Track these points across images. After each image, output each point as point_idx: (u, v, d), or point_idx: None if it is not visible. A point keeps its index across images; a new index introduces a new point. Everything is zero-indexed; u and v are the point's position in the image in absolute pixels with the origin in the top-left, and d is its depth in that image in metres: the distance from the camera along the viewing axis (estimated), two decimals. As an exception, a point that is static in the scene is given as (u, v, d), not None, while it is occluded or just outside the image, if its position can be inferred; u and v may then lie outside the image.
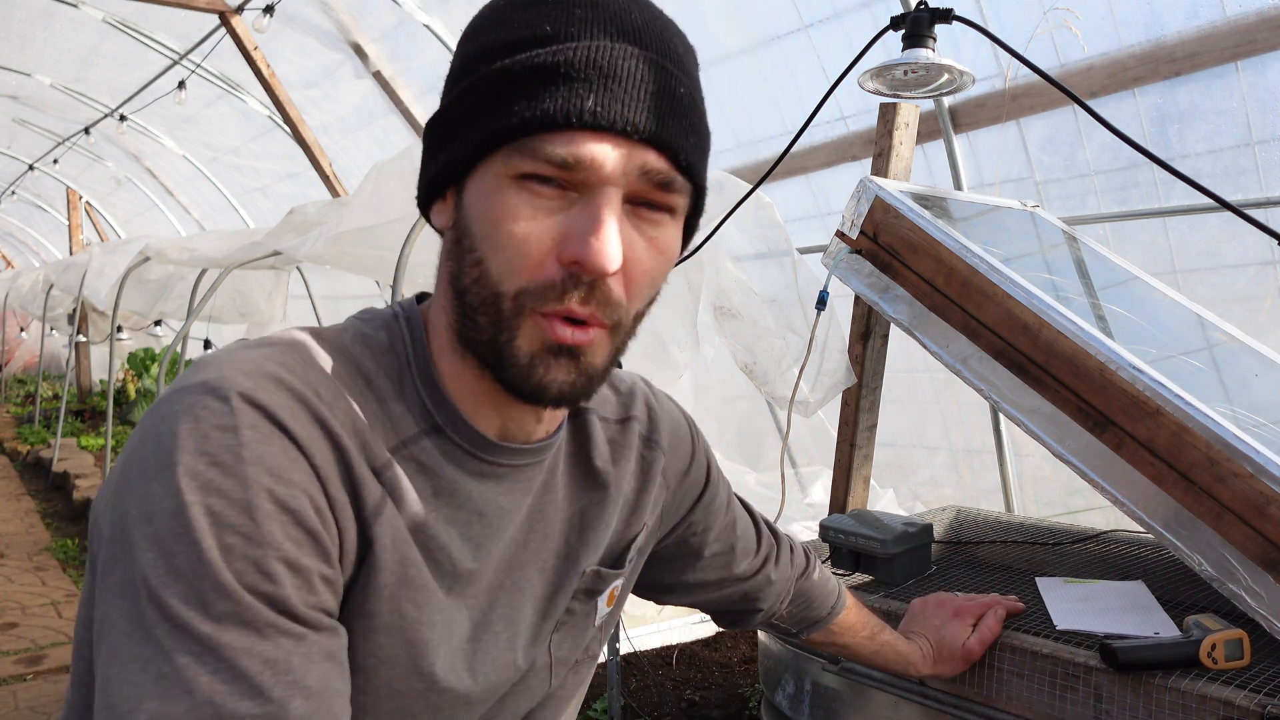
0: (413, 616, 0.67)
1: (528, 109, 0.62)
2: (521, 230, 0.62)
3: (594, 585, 0.83)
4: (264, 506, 0.58)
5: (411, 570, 0.67)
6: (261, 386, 0.61)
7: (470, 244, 0.65)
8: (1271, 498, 1.28)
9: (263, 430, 0.59)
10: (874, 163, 2.29)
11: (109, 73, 8.00)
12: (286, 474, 0.59)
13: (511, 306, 0.64)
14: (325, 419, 0.63)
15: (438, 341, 0.71)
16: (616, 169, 0.62)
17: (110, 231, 13.24)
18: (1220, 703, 1.18)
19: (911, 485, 3.68)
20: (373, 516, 0.64)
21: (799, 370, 2.05)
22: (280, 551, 0.58)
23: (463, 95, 0.66)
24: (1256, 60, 2.39)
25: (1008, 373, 1.64)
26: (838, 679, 1.69)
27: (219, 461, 0.58)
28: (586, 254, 0.61)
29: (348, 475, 0.63)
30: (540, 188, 0.62)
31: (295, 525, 0.59)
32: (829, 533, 1.77)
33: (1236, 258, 2.62)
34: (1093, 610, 1.52)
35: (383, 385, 0.69)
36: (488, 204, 0.64)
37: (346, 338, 0.70)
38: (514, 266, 0.63)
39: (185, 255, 5.12)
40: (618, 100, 0.62)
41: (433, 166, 0.69)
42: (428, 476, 0.69)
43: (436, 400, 0.70)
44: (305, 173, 7.23)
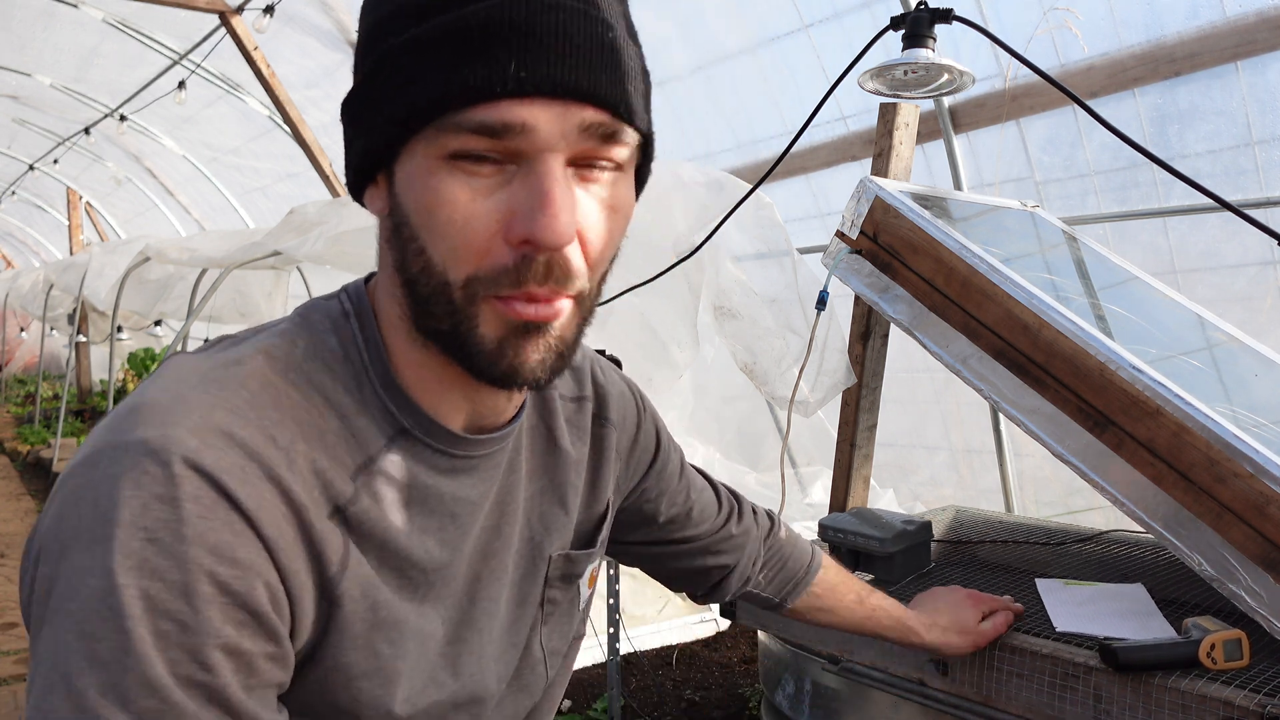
0: (388, 654, 0.65)
1: (444, 82, 0.56)
2: (461, 215, 0.58)
3: (568, 570, 0.81)
4: (203, 591, 0.53)
5: (383, 612, 0.64)
6: (209, 446, 0.56)
7: (410, 232, 0.60)
8: (1271, 498, 1.28)
9: (206, 502, 0.54)
10: (874, 163, 2.29)
11: (109, 73, 8.00)
12: (230, 552, 0.55)
13: (463, 295, 0.60)
14: (280, 476, 0.58)
15: (392, 332, 0.66)
16: (553, 132, 0.57)
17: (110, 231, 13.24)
18: (1220, 703, 1.18)
19: (911, 485, 3.68)
20: (338, 574, 0.61)
21: (799, 370, 2.05)
22: (220, 638, 0.54)
23: (373, 72, 0.60)
24: (1256, 60, 2.38)
25: (1008, 373, 1.64)
26: (838, 679, 1.69)
27: (156, 539, 0.53)
28: (537, 231, 0.57)
29: (306, 536, 0.59)
30: (474, 166, 0.57)
31: (238, 608, 0.55)
32: (828, 531, 1.77)
33: (1236, 258, 2.62)
34: (1092, 614, 1.52)
35: (343, 401, 0.64)
36: (420, 190, 0.59)
37: (298, 353, 0.64)
38: (459, 255, 0.58)
39: (185, 255, 5.12)
40: (541, 60, 0.56)
41: (355, 151, 0.63)
42: (397, 489, 0.65)
43: (400, 402, 0.66)
44: (305, 173, 7.23)
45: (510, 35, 0.56)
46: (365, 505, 0.63)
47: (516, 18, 0.56)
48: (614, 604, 2.54)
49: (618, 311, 2.49)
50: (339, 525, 0.62)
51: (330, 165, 6.64)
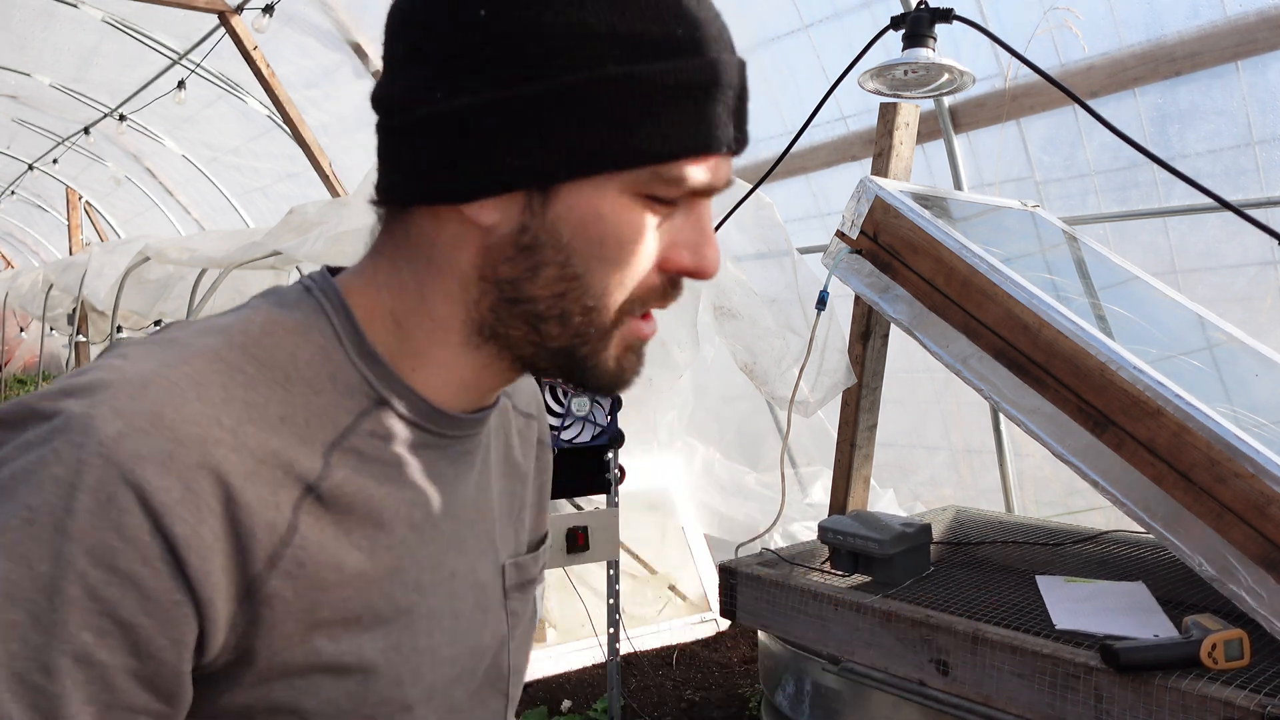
0: (330, 651, 0.61)
1: (678, 137, 0.58)
2: (644, 249, 0.61)
3: (520, 578, 0.79)
4: (69, 592, 0.50)
5: (324, 612, 0.60)
6: (132, 431, 0.52)
7: (564, 259, 0.60)
8: (1272, 498, 1.28)
9: (102, 496, 0.51)
10: (874, 163, 2.29)
11: (109, 73, 7.99)
12: (110, 559, 0.51)
13: (613, 319, 0.62)
14: (215, 460, 0.54)
15: (426, 325, 0.64)
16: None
17: (110, 231, 13.23)
18: (1220, 703, 1.18)
19: (911, 485, 3.67)
20: (265, 570, 0.57)
21: (799, 370, 2.05)
22: (71, 644, 0.50)
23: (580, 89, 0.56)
24: (1257, 60, 2.38)
25: (1008, 372, 1.64)
26: (838, 679, 1.69)
27: (35, 522, 0.50)
28: (704, 265, 0.62)
29: (233, 529, 0.55)
30: (664, 207, 0.61)
31: (103, 616, 0.51)
32: (827, 534, 1.77)
33: (1237, 258, 2.61)
34: (1092, 610, 1.52)
35: (305, 375, 0.61)
36: (612, 225, 0.59)
37: (255, 327, 0.61)
38: (627, 283, 0.61)
39: (185, 255, 5.12)
40: (744, 122, 0.62)
41: (494, 160, 0.58)
42: (370, 463, 0.62)
43: (378, 372, 0.63)
44: (305, 173, 7.23)
45: (729, 97, 0.60)
46: (340, 478, 0.60)
47: (735, 80, 0.60)
48: (614, 604, 2.54)
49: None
50: (308, 508, 0.58)
51: (330, 165, 6.63)
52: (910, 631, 1.51)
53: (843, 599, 1.62)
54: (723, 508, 3.62)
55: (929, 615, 1.50)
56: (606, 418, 2.67)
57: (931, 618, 1.49)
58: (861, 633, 1.58)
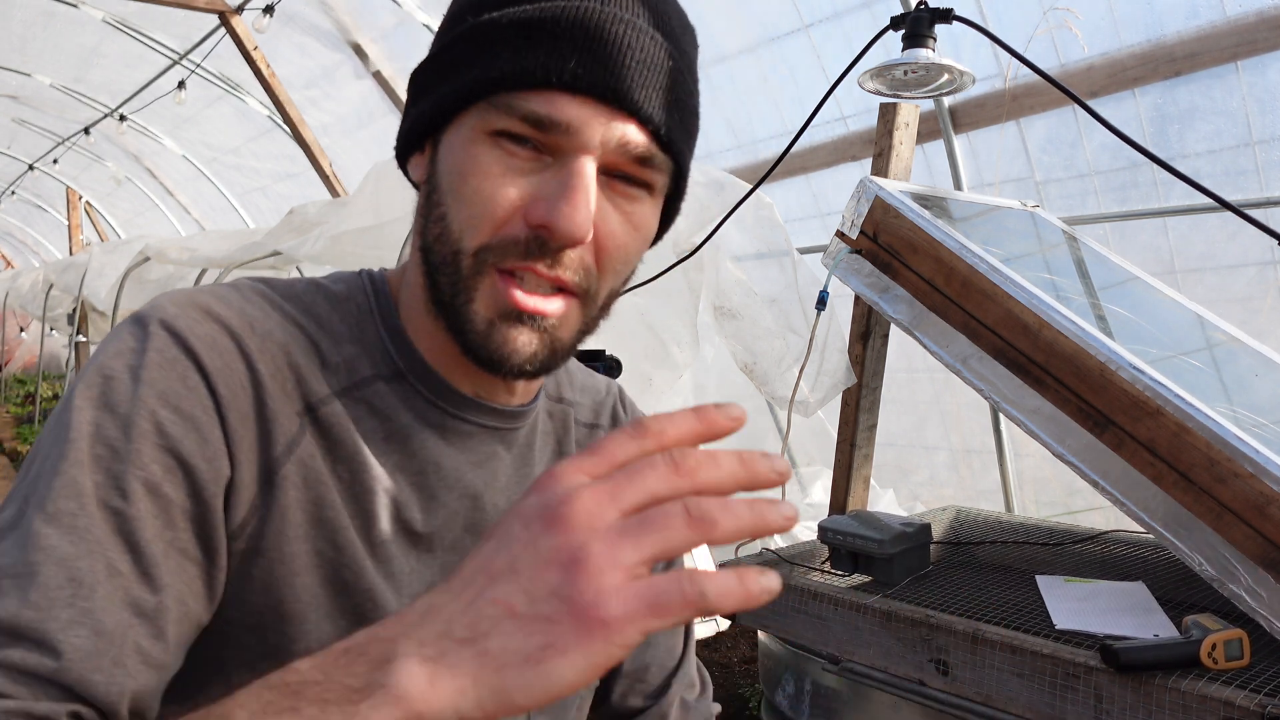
0: (330, 557, 0.64)
1: (507, 63, 0.60)
2: (489, 187, 0.61)
3: None
4: (141, 426, 0.57)
5: (329, 512, 0.64)
6: (185, 314, 0.61)
7: (437, 198, 0.63)
8: (1272, 498, 1.28)
9: (168, 355, 0.59)
10: (874, 163, 2.29)
11: (109, 73, 8.00)
12: (175, 400, 0.59)
13: (471, 264, 0.62)
14: (249, 352, 0.62)
15: (412, 302, 0.69)
16: (593, 136, 0.60)
17: (110, 231, 13.23)
18: (1220, 703, 1.18)
19: (911, 485, 3.67)
20: (282, 455, 0.62)
21: (799, 370, 2.05)
22: (144, 472, 0.57)
23: (448, 46, 0.64)
24: (1256, 60, 2.38)
25: (1008, 373, 1.64)
26: (838, 679, 1.69)
27: (115, 377, 0.59)
28: (556, 218, 0.59)
29: (259, 409, 0.62)
30: (514, 147, 0.60)
31: (168, 453, 0.58)
32: (827, 533, 1.77)
33: (1236, 258, 2.61)
34: (1092, 610, 1.52)
35: (336, 329, 0.67)
36: (459, 157, 0.62)
37: (299, 285, 0.69)
38: (477, 223, 0.61)
39: (185, 255, 5.12)
40: (601, 64, 0.59)
41: (410, 116, 0.66)
42: (379, 419, 0.66)
43: (400, 346, 0.68)
44: (305, 173, 7.23)
45: (578, 35, 0.59)
46: (338, 412, 0.65)
47: (588, 21, 0.60)
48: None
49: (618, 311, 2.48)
50: (303, 419, 0.64)
51: (330, 165, 6.64)
52: (910, 631, 1.51)
53: (842, 599, 1.62)
54: (723, 508, 3.61)
55: (929, 615, 1.50)
56: (606, 418, 2.67)
57: (931, 617, 1.49)
58: (861, 632, 1.58)
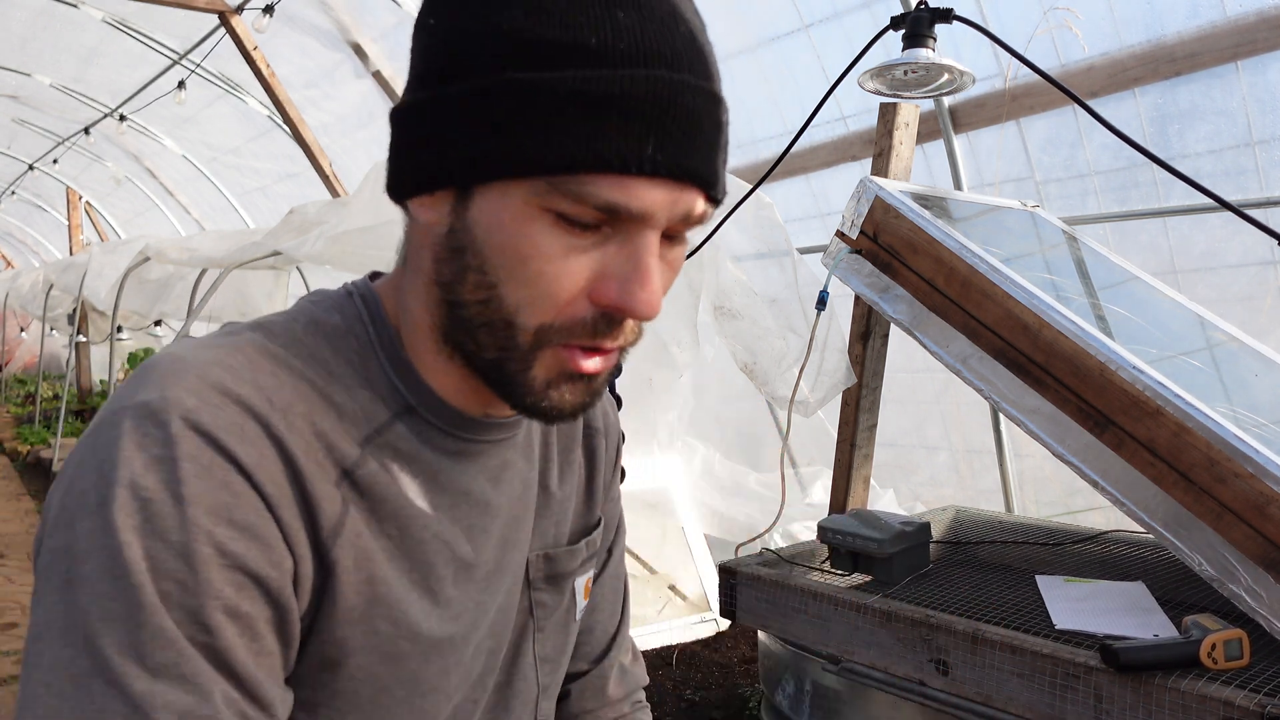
0: (386, 633, 0.63)
1: (577, 147, 0.54)
2: (553, 270, 0.57)
3: (550, 570, 0.78)
4: (202, 552, 0.53)
5: (381, 588, 0.62)
6: (206, 404, 0.56)
7: (480, 265, 0.58)
8: (1272, 498, 1.28)
9: (204, 460, 0.55)
10: (874, 163, 2.29)
11: (109, 73, 7.99)
12: (228, 514, 0.55)
13: (531, 340, 0.59)
14: (278, 433, 0.58)
15: (414, 330, 0.65)
16: (663, 216, 0.57)
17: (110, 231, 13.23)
18: (1220, 703, 1.18)
19: (912, 485, 3.67)
20: (330, 538, 0.60)
21: (799, 370, 2.05)
22: (220, 599, 0.54)
23: (481, 98, 0.56)
24: (1257, 60, 2.38)
25: (1008, 373, 1.64)
26: (838, 679, 1.69)
27: (156, 499, 0.53)
28: (631, 303, 0.57)
29: (301, 496, 0.59)
30: (578, 230, 0.56)
31: (236, 570, 0.55)
32: (827, 533, 1.77)
33: (1237, 258, 2.61)
34: (1092, 610, 1.52)
35: (344, 373, 0.63)
36: (511, 235, 0.57)
37: (298, 327, 0.64)
38: (539, 305, 0.58)
39: (185, 255, 5.12)
40: (675, 144, 0.56)
41: (422, 163, 0.60)
42: (405, 461, 0.64)
43: (408, 381, 0.65)
44: (305, 173, 7.23)
45: (651, 114, 0.55)
46: (374, 470, 0.62)
47: (661, 96, 0.55)
48: (614, 604, 2.54)
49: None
50: (345, 490, 0.61)
51: (330, 165, 6.63)
52: (910, 631, 1.51)
53: (842, 599, 1.62)
54: (723, 508, 3.62)
55: (929, 615, 1.50)
56: (606, 418, 2.67)
57: (931, 617, 1.49)
58: (861, 632, 1.58)
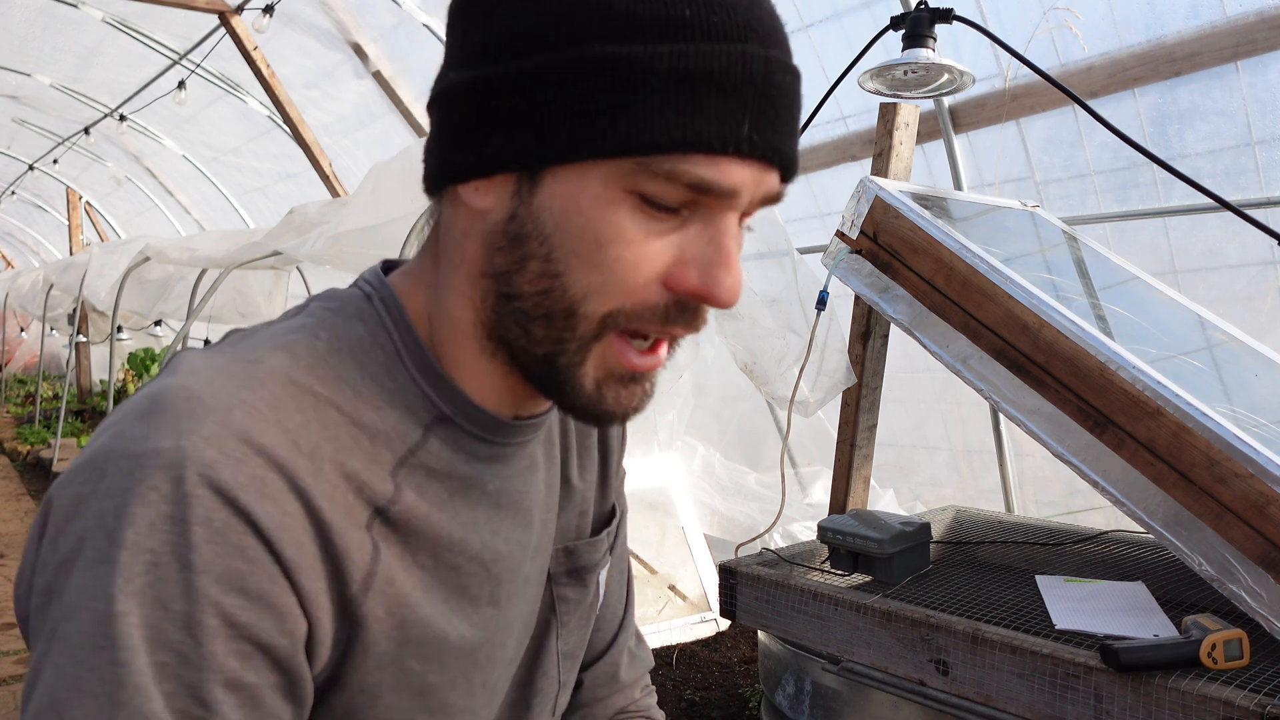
0: (417, 670, 0.61)
1: (674, 126, 0.51)
2: (632, 255, 0.54)
3: (571, 564, 0.76)
4: (208, 623, 0.50)
5: (415, 630, 0.60)
6: (227, 457, 0.51)
7: (546, 252, 0.55)
8: (1272, 498, 1.28)
9: (217, 525, 0.50)
10: (874, 163, 2.29)
11: (109, 73, 8.00)
12: (240, 582, 0.51)
13: (593, 328, 0.56)
14: (304, 487, 0.54)
15: (450, 333, 0.62)
16: (747, 196, 0.55)
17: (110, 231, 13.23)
18: (1220, 703, 1.18)
19: (912, 485, 3.67)
20: (361, 592, 0.57)
21: (799, 370, 2.05)
22: (222, 673, 0.51)
23: (566, 71, 0.52)
24: (1256, 60, 2.38)
25: (1008, 373, 1.64)
26: (838, 679, 1.69)
27: (161, 564, 0.49)
28: (714, 289, 0.54)
29: (328, 553, 0.55)
30: (661, 212, 0.54)
31: (243, 640, 0.51)
32: (827, 533, 1.77)
33: (1237, 258, 2.61)
34: (1092, 610, 1.52)
35: (371, 392, 0.60)
36: (590, 219, 0.54)
37: (320, 345, 0.60)
38: (611, 290, 0.55)
39: (185, 255, 5.12)
40: (769, 123, 0.54)
41: (490, 145, 0.56)
42: (439, 481, 0.62)
43: (440, 389, 0.62)
44: (305, 173, 7.23)
45: (748, 92, 0.52)
46: (410, 502, 0.59)
47: (757, 75, 0.53)
48: (614, 604, 2.54)
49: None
50: (378, 531, 0.58)
51: (330, 166, 6.64)
52: (910, 631, 1.51)
53: (842, 599, 1.62)
54: (723, 508, 3.62)
55: (929, 615, 1.50)
56: (606, 418, 2.67)
57: (931, 617, 1.49)
58: (861, 632, 1.58)
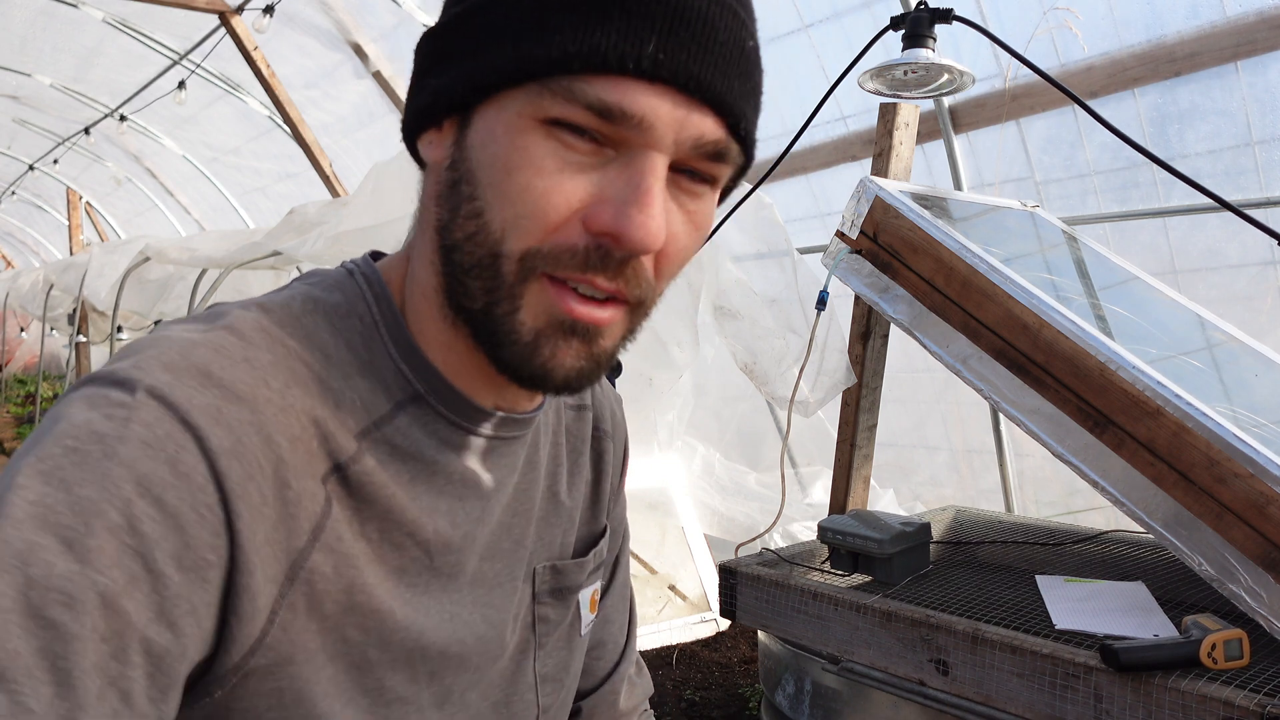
0: (358, 641, 0.57)
1: (573, 41, 0.50)
2: (542, 184, 0.51)
3: (557, 584, 0.72)
4: (109, 517, 0.45)
5: (359, 597, 0.56)
6: (180, 382, 0.49)
7: (471, 191, 0.53)
8: (1272, 498, 1.28)
9: (159, 431, 0.47)
10: (874, 163, 2.29)
11: (109, 73, 8.00)
12: (159, 491, 0.46)
13: (516, 270, 0.53)
14: (265, 422, 0.51)
15: (420, 303, 0.60)
16: (668, 132, 0.51)
17: (110, 231, 13.24)
18: (1220, 703, 1.18)
19: (912, 485, 3.67)
20: (308, 544, 0.54)
21: (799, 370, 2.05)
22: (103, 578, 0.44)
23: (483, 6, 0.53)
24: (1256, 60, 2.38)
25: (1008, 373, 1.64)
26: (838, 679, 1.69)
27: (82, 449, 0.46)
28: (626, 227, 0.51)
29: (280, 494, 0.52)
30: (572, 139, 0.51)
31: (137, 556, 0.45)
32: (827, 533, 1.77)
33: (1237, 257, 2.61)
34: (1092, 610, 1.52)
35: (345, 358, 0.57)
36: (502, 146, 0.52)
37: (296, 305, 0.58)
38: (525, 225, 0.52)
39: (185, 255, 5.12)
40: (684, 48, 0.50)
41: (429, 87, 0.56)
42: (403, 461, 0.58)
43: (415, 365, 0.59)
44: (305, 173, 7.23)
45: (657, 11, 0.50)
46: (369, 467, 0.56)
47: None
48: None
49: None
50: (333, 487, 0.55)
51: (330, 166, 6.63)
52: (910, 631, 1.51)
53: (842, 599, 1.62)
54: (723, 508, 3.62)
55: (929, 615, 1.50)
56: (606, 418, 2.67)
57: (931, 617, 1.49)
58: (861, 632, 1.58)
